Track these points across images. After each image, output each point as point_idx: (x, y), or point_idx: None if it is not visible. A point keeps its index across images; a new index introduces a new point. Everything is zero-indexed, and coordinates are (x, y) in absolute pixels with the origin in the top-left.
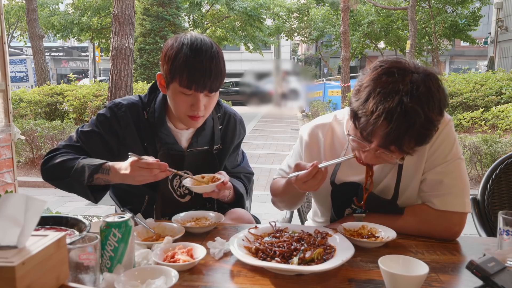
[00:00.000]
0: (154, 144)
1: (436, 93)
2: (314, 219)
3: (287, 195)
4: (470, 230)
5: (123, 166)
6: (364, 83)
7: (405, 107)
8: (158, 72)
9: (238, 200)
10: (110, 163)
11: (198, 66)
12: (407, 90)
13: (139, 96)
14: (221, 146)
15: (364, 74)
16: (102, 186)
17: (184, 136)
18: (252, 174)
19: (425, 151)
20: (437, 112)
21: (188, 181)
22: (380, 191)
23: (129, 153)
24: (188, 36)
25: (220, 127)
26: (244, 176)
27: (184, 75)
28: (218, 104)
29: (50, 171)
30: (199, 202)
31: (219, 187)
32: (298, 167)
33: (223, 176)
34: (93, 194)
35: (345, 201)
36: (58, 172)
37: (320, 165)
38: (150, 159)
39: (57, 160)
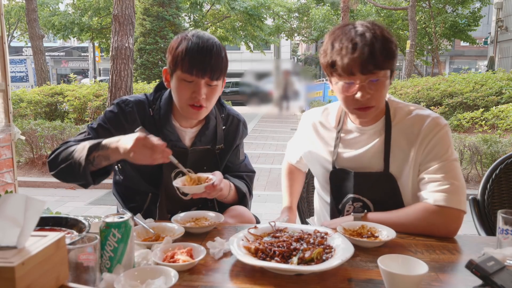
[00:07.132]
0: None
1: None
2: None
3: None
4: (470, 230)
5: (125, 140)
6: (324, 45)
7: (360, 32)
8: (164, 67)
9: (241, 200)
10: (111, 138)
11: (199, 51)
12: (356, 25)
13: (145, 94)
14: (223, 146)
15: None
16: (102, 170)
17: (188, 135)
18: (254, 172)
19: (415, 142)
20: (387, 32)
21: (178, 181)
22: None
23: (139, 127)
24: (192, 31)
25: (223, 127)
26: (246, 175)
27: (186, 59)
28: (222, 105)
29: (55, 158)
30: (202, 200)
31: (208, 188)
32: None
33: (215, 177)
34: (93, 177)
35: (342, 186)
36: (62, 156)
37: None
38: (156, 140)
39: (62, 147)
